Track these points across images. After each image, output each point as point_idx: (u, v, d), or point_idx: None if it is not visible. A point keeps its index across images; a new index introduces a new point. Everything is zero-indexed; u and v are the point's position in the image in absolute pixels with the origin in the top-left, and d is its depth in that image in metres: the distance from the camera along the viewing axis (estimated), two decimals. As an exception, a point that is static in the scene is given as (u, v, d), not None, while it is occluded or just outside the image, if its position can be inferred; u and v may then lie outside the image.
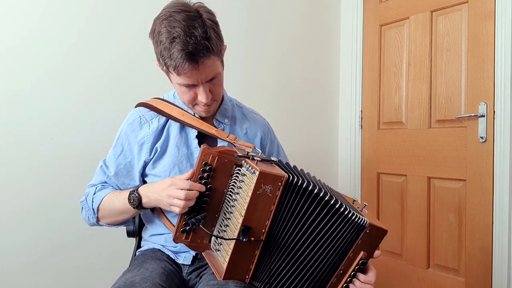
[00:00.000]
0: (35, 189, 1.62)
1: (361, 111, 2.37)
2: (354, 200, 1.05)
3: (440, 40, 1.96)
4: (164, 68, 1.04)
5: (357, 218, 0.95)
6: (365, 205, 1.03)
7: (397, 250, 2.16)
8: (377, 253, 1.00)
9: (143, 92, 1.71)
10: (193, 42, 0.95)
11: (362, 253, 0.97)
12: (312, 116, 2.40)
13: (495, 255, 1.74)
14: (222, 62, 1.09)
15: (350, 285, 0.99)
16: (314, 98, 2.40)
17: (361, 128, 2.37)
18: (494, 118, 1.74)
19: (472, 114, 1.80)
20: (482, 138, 1.78)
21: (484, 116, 1.77)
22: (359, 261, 0.97)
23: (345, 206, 0.95)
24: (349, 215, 0.95)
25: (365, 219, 0.96)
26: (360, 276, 0.99)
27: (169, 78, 1.09)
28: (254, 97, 2.17)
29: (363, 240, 0.96)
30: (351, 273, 0.98)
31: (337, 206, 0.95)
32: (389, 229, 1.00)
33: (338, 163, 2.48)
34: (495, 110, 1.74)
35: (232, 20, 2.09)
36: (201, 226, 0.97)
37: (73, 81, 1.69)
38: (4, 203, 1.57)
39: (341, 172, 2.46)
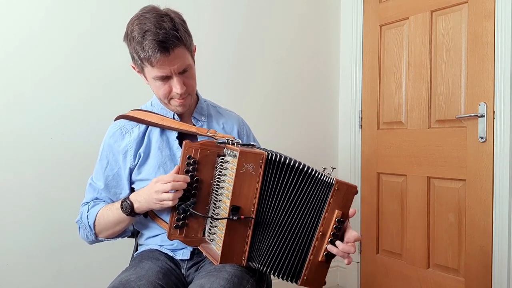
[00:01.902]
0: (35, 189, 1.62)
1: (361, 111, 2.37)
2: (325, 169, 1.09)
3: (440, 40, 1.96)
4: (139, 62, 1.08)
5: (325, 177, 1.02)
6: (333, 168, 1.06)
7: (397, 250, 2.16)
8: (352, 211, 1.04)
9: (142, 92, 1.71)
10: (163, 32, 1.02)
11: (337, 211, 1.01)
12: (312, 116, 2.40)
13: (495, 255, 1.74)
14: (193, 58, 1.15)
15: (330, 246, 1.01)
16: (314, 98, 2.40)
17: (361, 128, 2.37)
18: (494, 118, 1.74)
19: (472, 114, 1.80)
20: (482, 138, 1.78)
21: (484, 116, 1.77)
22: (335, 220, 1.01)
23: (315, 170, 1.02)
24: (318, 176, 1.01)
25: (333, 177, 1.01)
26: (341, 239, 1.02)
27: (144, 77, 1.14)
28: (254, 97, 2.17)
29: (334, 198, 1.01)
30: (331, 233, 1.01)
31: (309, 171, 1.01)
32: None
33: (338, 163, 2.48)
34: (495, 110, 1.74)
35: (233, 20, 2.09)
36: (191, 210, 0.99)
37: (73, 82, 1.69)
38: (4, 203, 1.58)
39: (341, 172, 2.46)
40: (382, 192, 2.26)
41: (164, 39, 1.01)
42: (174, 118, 1.19)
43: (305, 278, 1.03)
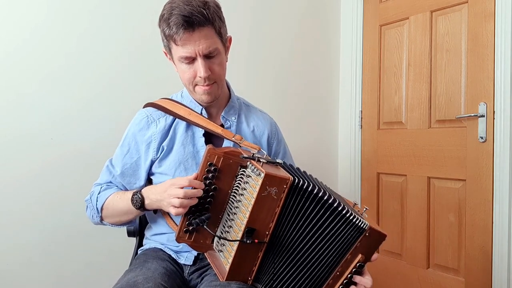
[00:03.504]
0: (36, 189, 1.62)
1: (361, 111, 2.37)
2: (355, 204, 1.05)
3: (440, 40, 1.96)
4: (166, 43, 1.07)
5: (357, 221, 0.94)
6: (366, 209, 1.02)
7: (397, 250, 2.16)
8: (374, 256, 1.00)
9: (143, 92, 1.72)
10: (190, 8, 1.00)
11: (360, 255, 0.97)
12: (312, 116, 2.40)
13: (495, 255, 1.74)
14: (224, 46, 1.11)
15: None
16: (314, 98, 2.40)
17: (361, 128, 2.37)
18: (494, 118, 1.74)
19: (472, 114, 1.80)
20: (482, 138, 1.78)
21: (484, 116, 1.77)
22: (356, 264, 0.97)
23: (347, 209, 0.95)
24: (351, 218, 0.94)
25: (366, 222, 0.95)
26: (357, 278, 0.98)
27: (173, 62, 1.11)
28: (254, 97, 2.15)
29: (362, 243, 0.96)
30: (347, 275, 0.98)
31: (339, 209, 0.94)
32: (389, 229, 1.00)
33: (338, 163, 2.48)
34: (495, 110, 1.74)
35: (232, 20, 2.09)
36: (205, 227, 0.96)
37: (74, 82, 1.69)
38: (4, 203, 1.57)
39: (341, 172, 2.46)
40: (382, 192, 2.26)
41: (189, 14, 0.99)
42: (201, 114, 1.16)
43: None
